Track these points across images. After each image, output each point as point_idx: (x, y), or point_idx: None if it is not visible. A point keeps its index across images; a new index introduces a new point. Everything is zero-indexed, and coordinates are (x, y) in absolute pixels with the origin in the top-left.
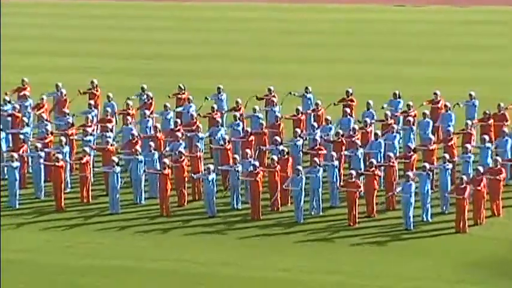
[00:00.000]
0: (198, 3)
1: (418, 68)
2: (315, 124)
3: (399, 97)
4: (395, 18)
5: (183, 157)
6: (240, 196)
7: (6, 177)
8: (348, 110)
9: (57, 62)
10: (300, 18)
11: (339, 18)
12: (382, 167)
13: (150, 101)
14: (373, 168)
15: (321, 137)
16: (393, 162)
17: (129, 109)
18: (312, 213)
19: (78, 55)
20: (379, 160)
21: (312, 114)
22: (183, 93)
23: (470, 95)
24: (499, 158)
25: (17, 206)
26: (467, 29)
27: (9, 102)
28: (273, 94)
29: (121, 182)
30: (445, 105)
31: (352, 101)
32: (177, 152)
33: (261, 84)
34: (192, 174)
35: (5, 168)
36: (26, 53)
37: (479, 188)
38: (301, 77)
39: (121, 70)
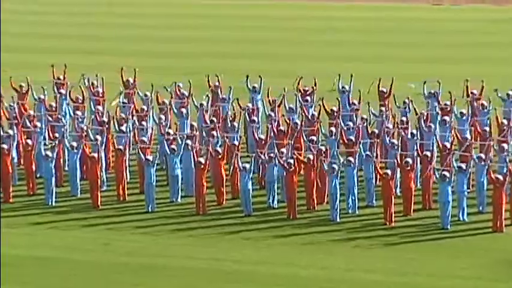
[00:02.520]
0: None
1: (455, 66)
2: (351, 123)
3: (435, 95)
4: (430, 16)
5: (220, 155)
6: (276, 195)
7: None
8: (384, 108)
9: (94, 59)
10: (329, 16)
11: (369, 16)
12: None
13: (186, 98)
14: (409, 167)
15: (356, 135)
16: (430, 162)
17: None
18: (349, 211)
19: (119, 54)
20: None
21: (349, 113)
22: (219, 91)
23: (508, 94)
24: None
25: (53, 204)
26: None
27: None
28: (308, 92)
29: (156, 180)
30: (482, 104)
31: (388, 95)
32: (214, 151)
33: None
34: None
35: (42, 165)
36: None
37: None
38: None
39: (156, 68)
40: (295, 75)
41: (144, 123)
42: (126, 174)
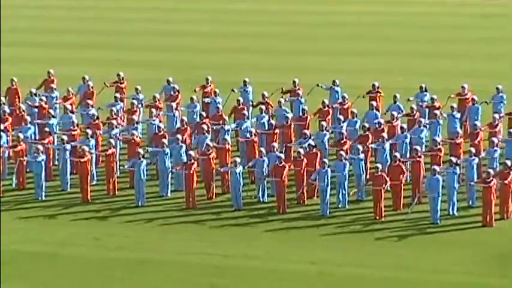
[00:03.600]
0: None
1: (446, 61)
2: (341, 117)
3: (426, 90)
4: (423, 11)
5: (210, 150)
6: (266, 189)
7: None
8: (375, 103)
9: (83, 54)
10: (328, 11)
11: (365, 11)
12: (409, 161)
13: (177, 93)
14: (399, 162)
15: (346, 130)
16: (420, 156)
17: (156, 102)
18: (339, 206)
19: (105, 48)
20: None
21: (339, 107)
22: (210, 86)
23: (497, 88)
24: None
25: (44, 198)
26: (493, 23)
27: (36, 94)
28: (298, 87)
29: (146, 175)
30: (473, 99)
31: (378, 93)
32: (204, 145)
33: (288, 77)
34: (219, 168)
35: (31, 161)
36: (52, 46)
37: (506, 182)
38: (329, 70)
39: (147, 63)
40: (293, 69)
41: (134, 117)
42: (116, 169)
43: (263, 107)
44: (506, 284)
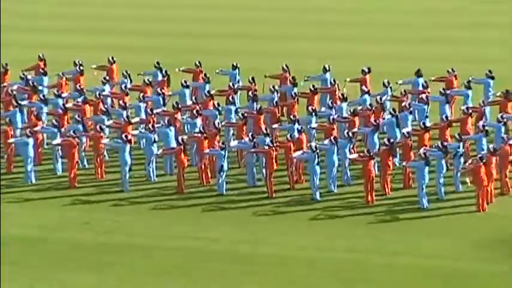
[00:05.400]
0: None
1: (436, 46)
2: (330, 102)
3: (421, 75)
4: None
5: (201, 134)
6: (255, 174)
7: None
8: (365, 88)
9: (75, 39)
10: None
11: None
12: (398, 145)
13: (166, 77)
14: (388, 146)
15: (336, 114)
16: (409, 140)
17: (145, 85)
18: (329, 190)
19: (96, 33)
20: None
21: (327, 92)
22: (200, 71)
23: (486, 73)
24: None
25: (33, 182)
26: (484, 8)
27: (24, 78)
28: (286, 71)
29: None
30: (464, 84)
31: (366, 79)
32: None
33: (279, 63)
34: (208, 150)
35: (19, 144)
36: (43, 30)
37: (491, 166)
38: (319, 56)
39: (135, 47)
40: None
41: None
42: (104, 153)
43: (251, 91)
44: (497, 270)
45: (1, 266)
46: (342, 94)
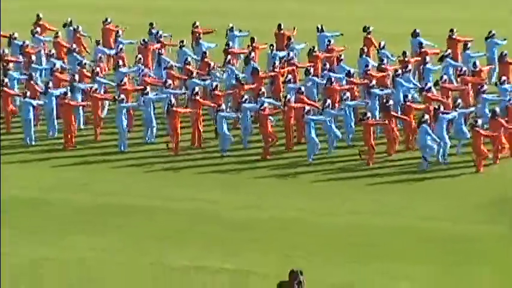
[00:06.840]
0: None
1: (437, 8)
2: (328, 64)
3: (418, 35)
4: None
5: (198, 95)
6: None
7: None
8: (366, 49)
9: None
10: None
11: None
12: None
13: (163, 38)
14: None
15: (334, 75)
16: (411, 103)
17: (144, 46)
18: (328, 153)
19: None
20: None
21: (326, 53)
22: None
23: (490, 31)
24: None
25: (33, 143)
26: None
27: (15, 39)
28: (287, 33)
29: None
30: (465, 45)
31: (369, 38)
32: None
33: (276, 24)
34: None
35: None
36: None
37: (494, 129)
38: (316, 17)
39: (132, 9)
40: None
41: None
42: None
43: (251, 53)
44: (496, 231)
45: (1, 230)
46: (337, 57)
